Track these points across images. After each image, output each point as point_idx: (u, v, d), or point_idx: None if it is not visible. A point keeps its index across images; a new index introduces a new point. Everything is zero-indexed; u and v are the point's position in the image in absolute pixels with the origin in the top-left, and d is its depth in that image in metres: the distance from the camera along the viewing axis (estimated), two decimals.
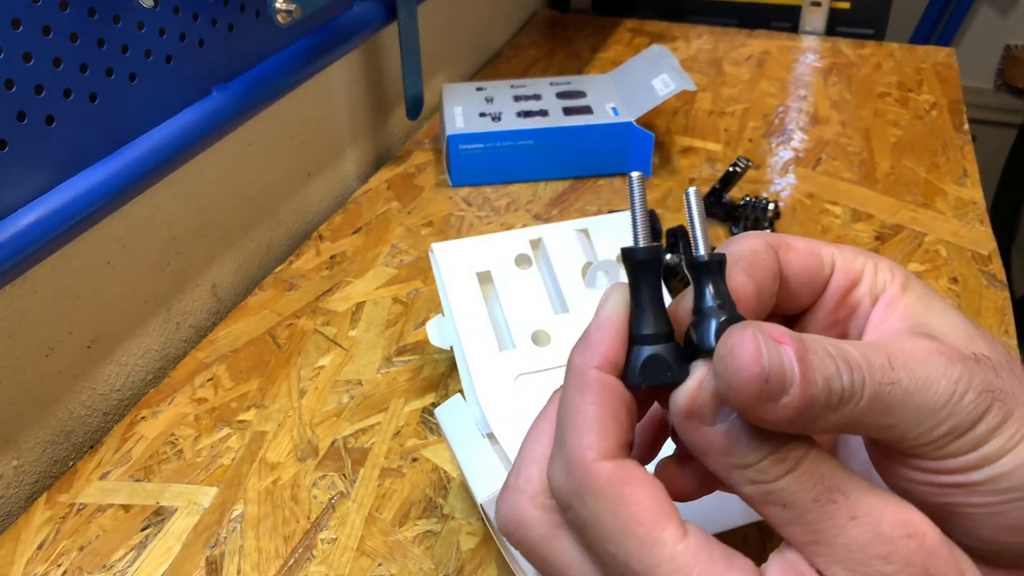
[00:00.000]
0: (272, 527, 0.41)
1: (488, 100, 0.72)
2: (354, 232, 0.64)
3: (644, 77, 0.70)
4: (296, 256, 0.61)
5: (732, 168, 0.61)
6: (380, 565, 0.39)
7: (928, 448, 0.22)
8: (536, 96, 0.73)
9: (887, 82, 0.86)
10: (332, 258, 0.61)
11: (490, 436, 0.39)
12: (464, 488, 0.43)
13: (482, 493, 0.36)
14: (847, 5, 1.00)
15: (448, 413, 0.43)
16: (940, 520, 0.22)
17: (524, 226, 0.63)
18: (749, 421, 0.22)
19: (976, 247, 0.60)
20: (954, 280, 0.56)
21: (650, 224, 0.26)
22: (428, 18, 0.79)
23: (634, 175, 0.26)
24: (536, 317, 0.42)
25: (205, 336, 0.54)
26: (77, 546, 0.40)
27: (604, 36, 1.00)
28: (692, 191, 0.26)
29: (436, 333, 0.44)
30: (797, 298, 0.28)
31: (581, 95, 0.72)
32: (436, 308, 0.55)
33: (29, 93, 0.39)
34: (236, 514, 0.42)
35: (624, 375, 0.25)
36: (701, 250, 0.25)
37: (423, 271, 0.59)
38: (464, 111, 0.70)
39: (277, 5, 0.49)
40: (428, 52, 0.80)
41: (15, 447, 0.44)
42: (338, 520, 0.41)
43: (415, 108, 0.71)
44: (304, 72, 0.59)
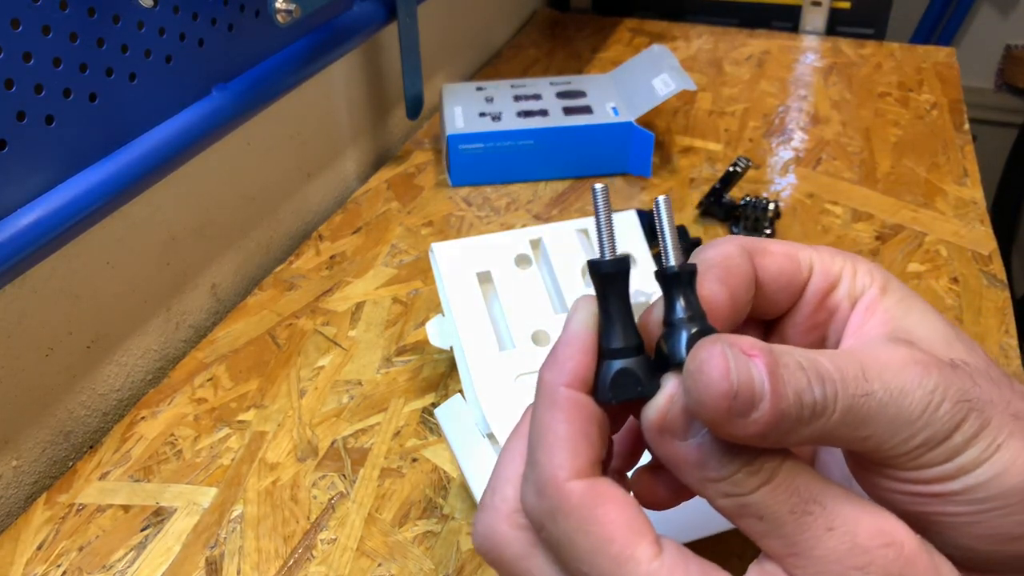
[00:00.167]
0: (272, 527, 0.41)
1: (488, 100, 0.72)
2: (354, 232, 0.64)
3: (644, 77, 0.70)
4: (296, 256, 0.61)
5: (732, 168, 0.61)
6: (380, 565, 0.39)
7: (904, 459, 0.22)
8: (536, 96, 0.73)
9: (887, 82, 0.86)
10: (332, 258, 0.61)
11: (490, 436, 0.39)
12: (464, 488, 0.43)
13: (482, 493, 0.36)
14: (847, 5, 1.00)
15: (448, 413, 0.43)
16: (919, 529, 0.22)
17: (524, 226, 0.63)
18: (720, 437, 0.22)
19: (976, 247, 0.60)
20: (954, 280, 0.56)
21: (613, 236, 0.25)
22: (428, 18, 0.79)
23: (597, 187, 0.26)
24: (536, 317, 0.42)
25: (205, 336, 0.54)
26: (77, 546, 0.40)
27: (604, 36, 1.00)
28: (662, 199, 0.25)
29: (436, 333, 0.44)
30: (774, 303, 0.28)
31: (581, 95, 0.72)
32: (436, 308, 0.55)
33: (29, 93, 0.39)
34: (236, 514, 0.42)
35: (594, 390, 0.25)
36: (672, 260, 0.25)
37: (423, 271, 0.59)
38: (464, 111, 0.70)
39: (277, 5, 0.49)
40: (428, 52, 0.79)
41: (15, 447, 0.44)
42: (338, 520, 0.41)
43: (415, 108, 0.71)
44: (304, 72, 0.59)
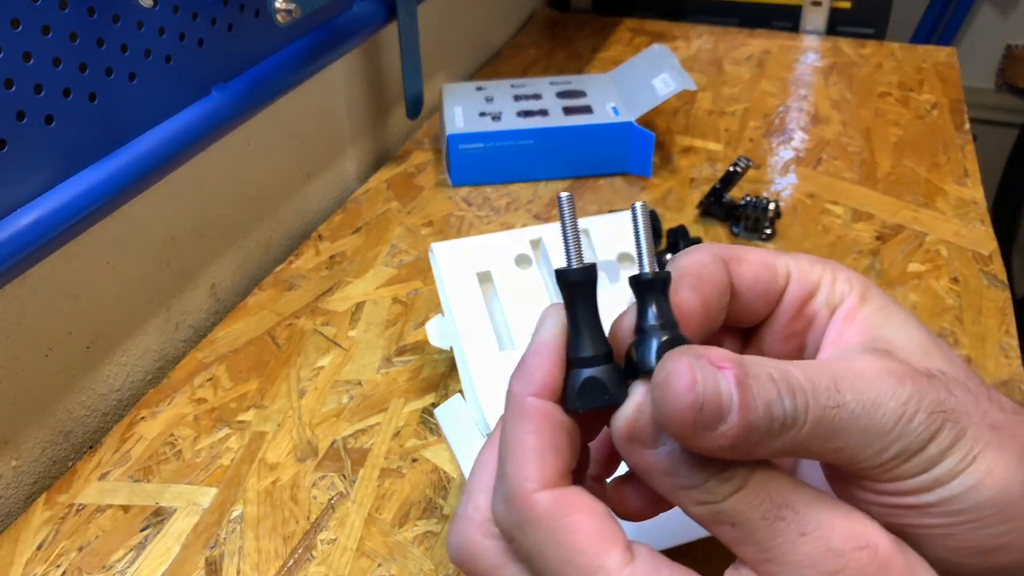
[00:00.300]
0: (272, 527, 0.41)
1: (488, 100, 0.72)
2: (354, 232, 0.64)
3: (644, 77, 0.70)
4: (296, 256, 0.61)
5: (732, 168, 0.61)
6: (380, 566, 0.39)
7: (878, 470, 0.22)
8: (536, 96, 0.73)
9: (888, 82, 0.86)
10: (332, 258, 0.61)
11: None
12: (464, 488, 0.43)
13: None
14: (848, 5, 1.00)
15: (448, 413, 0.43)
16: None
17: (524, 226, 0.63)
18: (688, 449, 0.22)
19: (977, 247, 0.60)
20: (955, 280, 0.56)
21: (580, 245, 0.25)
22: (428, 18, 0.79)
23: (563, 196, 0.26)
24: (536, 317, 0.42)
25: (204, 336, 0.54)
26: (76, 546, 0.40)
27: (604, 36, 1.00)
28: (639, 206, 0.25)
29: (436, 333, 0.44)
30: (751, 311, 0.27)
31: (581, 95, 0.72)
32: (436, 308, 0.55)
33: (28, 93, 0.39)
34: (235, 515, 0.42)
35: (563, 400, 0.25)
36: (646, 267, 0.25)
37: (423, 271, 0.59)
38: (464, 111, 0.70)
39: (277, 5, 0.49)
40: (428, 52, 0.79)
41: (14, 447, 0.44)
42: (338, 521, 0.41)
43: (415, 108, 0.71)
44: (304, 72, 0.59)
